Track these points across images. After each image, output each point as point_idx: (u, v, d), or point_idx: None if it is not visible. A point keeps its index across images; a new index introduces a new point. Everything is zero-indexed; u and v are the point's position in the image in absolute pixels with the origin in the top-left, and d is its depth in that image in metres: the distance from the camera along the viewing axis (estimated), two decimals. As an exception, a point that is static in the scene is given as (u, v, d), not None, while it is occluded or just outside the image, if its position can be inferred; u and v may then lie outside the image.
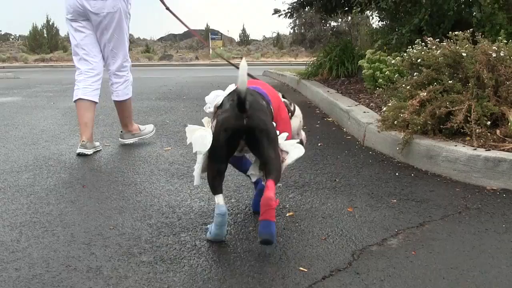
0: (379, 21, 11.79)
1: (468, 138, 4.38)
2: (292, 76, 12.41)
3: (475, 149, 4.08)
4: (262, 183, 3.12)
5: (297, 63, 28.43)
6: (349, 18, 16.07)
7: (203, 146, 2.87)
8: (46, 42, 44.98)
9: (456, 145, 4.24)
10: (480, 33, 5.30)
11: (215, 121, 2.97)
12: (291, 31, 42.28)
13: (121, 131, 5.74)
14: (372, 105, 6.65)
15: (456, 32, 5.13)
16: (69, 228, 3.11)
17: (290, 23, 38.84)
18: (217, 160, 2.94)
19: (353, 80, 9.45)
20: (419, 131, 4.55)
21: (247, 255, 2.71)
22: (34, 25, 45.91)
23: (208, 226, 3.02)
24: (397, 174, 4.26)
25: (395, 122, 4.80)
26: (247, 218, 3.30)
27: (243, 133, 2.86)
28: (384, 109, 5.27)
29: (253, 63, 35.60)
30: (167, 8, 5.47)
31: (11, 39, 53.80)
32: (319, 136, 5.68)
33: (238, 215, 3.35)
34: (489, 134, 4.36)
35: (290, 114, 3.56)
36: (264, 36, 58.44)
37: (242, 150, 3.04)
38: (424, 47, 5.21)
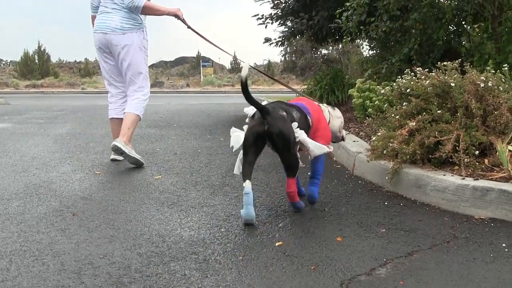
0: (369, 50, 11.89)
1: (456, 167, 4.40)
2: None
3: (463, 179, 4.11)
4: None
5: (288, 91, 28.56)
6: (340, 46, 16.16)
7: (236, 143, 3.99)
8: (37, 68, 45.02)
9: (444, 175, 4.26)
10: (469, 63, 5.36)
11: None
12: (282, 58, 42.47)
13: (116, 140, 5.91)
14: (362, 134, 6.69)
15: (444, 62, 5.18)
16: (59, 257, 3.12)
17: (281, 50, 38.98)
18: (248, 155, 3.92)
19: (343, 108, 9.49)
20: (408, 160, 4.58)
21: (237, 285, 2.72)
22: (26, 50, 46.00)
23: (241, 211, 3.82)
24: (386, 203, 4.28)
25: (384, 152, 4.83)
26: (237, 247, 3.31)
27: (265, 136, 3.85)
28: (374, 138, 5.30)
29: (244, 91, 35.69)
30: (189, 27, 6.43)
31: (2, 65, 53.77)
32: (309, 165, 5.70)
33: (228, 245, 3.35)
34: (477, 163, 4.39)
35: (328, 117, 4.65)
36: (255, 63, 58.53)
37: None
38: (413, 77, 5.26)
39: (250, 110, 4.09)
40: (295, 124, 3.92)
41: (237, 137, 4.01)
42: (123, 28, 6.05)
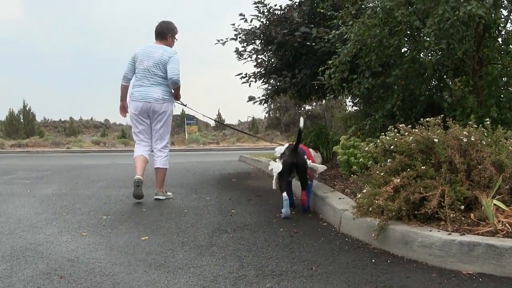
0: (352, 106, 11.98)
1: (442, 222, 4.43)
2: (267, 161, 12.45)
3: (449, 234, 4.13)
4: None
5: (273, 147, 28.62)
6: (323, 101, 16.24)
7: (277, 169, 6.33)
8: (22, 127, 45.14)
9: (431, 230, 4.28)
10: (451, 117, 5.43)
11: (282, 159, 6.42)
12: (266, 115, 42.68)
13: (156, 191, 8.06)
14: (347, 191, 6.70)
15: (427, 118, 5.25)
16: (46, 321, 3.09)
17: (265, 107, 39.22)
18: (284, 177, 6.32)
19: (328, 165, 9.49)
20: (394, 217, 4.59)
21: None
22: (11, 110, 46.14)
23: (281, 209, 6.18)
24: (373, 260, 4.27)
25: (370, 209, 4.85)
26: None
27: (294, 165, 6.30)
28: (359, 195, 5.32)
29: (228, 148, 35.83)
30: (185, 105, 8.83)
31: (-14, 124, 53.80)
32: (295, 223, 5.71)
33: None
34: (463, 218, 4.42)
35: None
36: (239, 120, 59.06)
37: (292, 175, 6.42)
38: (397, 134, 5.31)
39: (281, 149, 6.67)
40: (305, 157, 6.43)
41: (277, 165, 6.37)
42: (164, 99, 7.97)
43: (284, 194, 6.11)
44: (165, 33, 8.25)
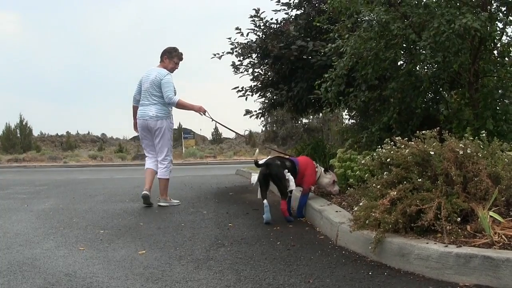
0: (349, 119, 12.00)
1: (439, 235, 4.43)
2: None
3: (446, 246, 4.13)
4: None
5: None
6: (320, 114, 16.27)
7: (254, 180, 7.36)
8: (19, 142, 45.00)
9: (427, 243, 4.28)
10: (447, 130, 5.44)
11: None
12: (263, 128, 42.65)
13: (158, 198, 8.99)
14: (344, 204, 6.71)
15: (423, 131, 5.26)
16: (43, 336, 3.09)
17: (262, 121, 39.20)
18: (262, 186, 7.01)
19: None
20: (391, 229, 4.60)
21: None
22: (8, 124, 46.05)
23: (263, 215, 6.78)
24: (370, 273, 4.27)
25: (367, 222, 4.85)
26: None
27: (267, 176, 6.97)
28: (356, 208, 5.33)
29: (225, 162, 35.75)
30: (213, 119, 9.61)
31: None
32: (292, 236, 5.71)
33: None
34: (459, 230, 4.42)
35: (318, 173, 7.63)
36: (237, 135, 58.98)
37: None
38: (393, 147, 5.32)
39: (261, 162, 7.15)
40: (286, 170, 6.89)
41: (255, 177, 7.36)
42: (158, 116, 8.88)
43: (265, 201, 6.84)
44: (162, 55, 9.32)
